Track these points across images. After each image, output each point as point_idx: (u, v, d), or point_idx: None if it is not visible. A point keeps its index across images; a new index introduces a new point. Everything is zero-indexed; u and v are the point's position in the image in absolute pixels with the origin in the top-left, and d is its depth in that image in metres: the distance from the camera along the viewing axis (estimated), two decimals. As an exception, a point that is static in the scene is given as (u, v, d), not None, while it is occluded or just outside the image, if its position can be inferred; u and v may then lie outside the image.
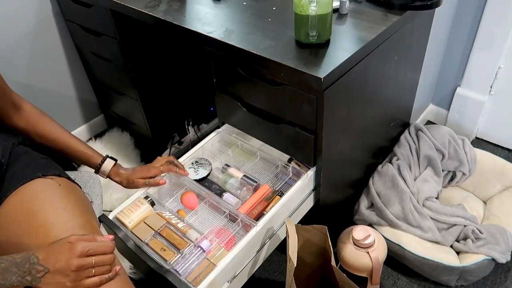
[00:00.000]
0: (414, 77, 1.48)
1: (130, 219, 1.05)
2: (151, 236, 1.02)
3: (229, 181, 1.19)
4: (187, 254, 0.99)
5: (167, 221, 1.06)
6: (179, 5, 1.23)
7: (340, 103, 1.03)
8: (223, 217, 1.12)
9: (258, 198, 1.12)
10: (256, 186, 1.16)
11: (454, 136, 1.52)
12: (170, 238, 1.02)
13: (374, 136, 1.39)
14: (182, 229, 1.04)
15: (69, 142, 1.06)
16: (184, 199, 1.15)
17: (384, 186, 1.39)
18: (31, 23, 1.59)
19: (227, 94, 1.21)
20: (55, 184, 0.89)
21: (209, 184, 1.21)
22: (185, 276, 0.94)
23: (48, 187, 0.87)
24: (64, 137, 1.05)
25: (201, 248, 0.99)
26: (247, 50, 0.99)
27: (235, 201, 1.13)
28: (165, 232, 1.04)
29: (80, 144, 1.08)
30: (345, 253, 1.19)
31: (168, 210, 1.11)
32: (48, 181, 0.88)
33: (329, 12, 0.94)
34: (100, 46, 1.55)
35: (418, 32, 1.29)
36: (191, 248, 1.00)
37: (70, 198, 0.88)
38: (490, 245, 1.26)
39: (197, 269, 0.96)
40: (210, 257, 0.99)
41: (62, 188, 0.89)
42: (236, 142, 1.30)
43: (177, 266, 0.96)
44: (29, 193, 0.85)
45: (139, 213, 1.07)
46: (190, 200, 1.15)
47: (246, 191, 1.16)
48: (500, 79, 1.64)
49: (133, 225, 1.05)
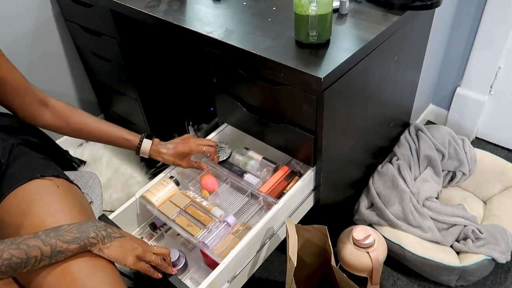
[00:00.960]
0: (414, 77, 1.48)
1: (157, 197, 1.09)
2: (177, 214, 1.07)
3: (249, 163, 1.23)
4: (213, 229, 1.03)
5: (192, 199, 1.10)
6: (179, 5, 1.23)
7: (340, 103, 1.03)
8: (244, 196, 1.17)
9: (278, 178, 1.17)
10: (276, 167, 1.21)
11: (454, 136, 1.52)
12: (196, 215, 1.06)
13: (374, 136, 1.39)
14: (206, 206, 1.08)
15: (104, 129, 1.05)
16: (202, 182, 1.19)
17: (384, 186, 1.39)
18: (31, 23, 1.59)
19: (227, 94, 1.21)
20: (54, 186, 0.88)
21: (230, 166, 1.25)
22: (212, 249, 0.99)
23: (46, 188, 0.87)
24: (98, 125, 1.05)
25: (227, 223, 1.04)
26: (247, 50, 0.99)
27: (256, 181, 1.17)
28: (190, 209, 1.08)
29: (115, 130, 1.07)
30: (345, 253, 1.19)
31: (191, 190, 1.17)
32: (46, 182, 0.88)
33: (329, 12, 0.94)
34: (100, 46, 1.55)
35: (418, 32, 1.29)
36: (217, 224, 1.04)
37: (68, 199, 0.88)
38: (490, 245, 1.26)
39: (223, 243, 1.01)
40: (235, 232, 1.04)
41: (60, 189, 0.88)
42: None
43: (205, 240, 1.00)
44: (27, 194, 0.85)
45: (165, 192, 1.10)
46: (209, 182, 1.19)
47: (266, 172, 1.20)
48: (500, 79, 1.64)
49: (159, 203, 1.09)
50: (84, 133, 1.03)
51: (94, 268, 0.78)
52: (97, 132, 1.04)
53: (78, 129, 1.02)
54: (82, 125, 1.03)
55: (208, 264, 1.09)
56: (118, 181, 1.65)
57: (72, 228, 0.77)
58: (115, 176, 1.67)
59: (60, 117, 1.00)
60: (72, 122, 1.01)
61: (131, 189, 1.63)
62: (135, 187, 1.64)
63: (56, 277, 0.75)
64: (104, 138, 1.06)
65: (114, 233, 0.82)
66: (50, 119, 0.99)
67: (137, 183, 1.66)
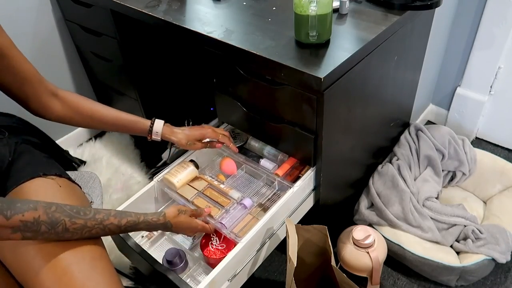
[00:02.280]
0: (414, 77, 1.48)
1: (177, 178, 1.13)
2: (195, 196, 1.11)
3: (265, 149, 1.27)
4: (231, 210, 1.08)
5: (209, 183, 1.15)
6: (179, 5, 1.23)
7: (340, 103, 1.04)
8: (260, 181, 1.21)
9: (293, 162, 1.20)
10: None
11: (454, 136, 1.52)
12: (214, 197, 1.11)
13: (374, 136, 1.39)
14: (224, 189, 1.13)
15: (114, 114, 1.06)
16: (223, 165, 1.23)
17: (384, 186, 1.39)
18: (31, 23, 1.59)
19: (227, 94, 1.21)
20: (56, 185, 0.89)
21: (246, 152, 1.30)
22: (231, 229, 1.04)
23: (49, 187, 0.87)
24: (108, 110, 1.05)
25: (244, 205, 1.09)
26: (247, 50, 0.99)
27: (272, 166, 1.21)
28: (208, 192, 1.13)
29: (125, 114, 1.08)
30: (345, 253, 1.19)
31: (208, 175, 1.22)
32: (49, 181, 0.89)
33: (329, 12, 0.94)
34: (100, 46, 1.55)
35: (418, 32, 1.29)
36: (234, 205, 1.09)
37: (70, 199, 0.88)
38: (490, 245, 1.26)
39: (242, 223, 1.06)
40: (253, 212, 1.10)
41: (62, 189, 0.89)
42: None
43: (223, 220, 1.05)
44: (30, 192, 0.85)
45: (185, 174, 1.14)
46: (229, 166, 1.22)
47: (281, 156, 1.23)
48: (500, 79, 1.64)
49: (180, 184, 1.13)
50: (95, 121, 1.03)
51: (93, 269, 0.78)
52: (108, 117, 1.05)
53: (89, 117, 1.02)
54: (92, 112, 1.03)
55: (208, 263, 1.10)
56: (118, 181, 1.65)
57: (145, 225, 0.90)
58: (115, 176, 1.68)
59: (70, 107, 1.00)
60: (82, 110, 1.02)
61: (131, 189, 1.63)
62: (135, 187, 1.64)
63: (56, 276, 0.75)
64: (116, 123, 1.06)
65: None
66: (61, 110, 0.99)
67: (137, 183, 1.66)
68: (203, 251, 1.07)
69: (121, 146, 1.86)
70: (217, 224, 1.04)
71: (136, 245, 1.01)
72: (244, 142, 1.31)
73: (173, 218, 0.96)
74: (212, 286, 0.92)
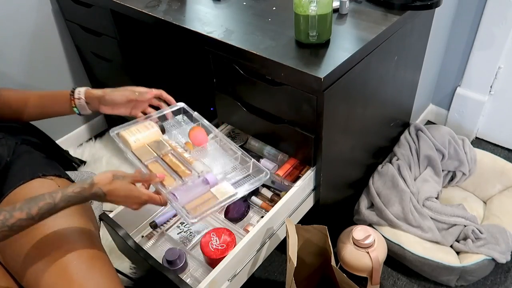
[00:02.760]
0: (414, 77, 1.48)
1: (135, 137, 0.96)
2: (152, 159, 0.94)
3: (265, 149, 1.27)
4: (189, 183, 0.90)
5: (173, 148, 0.97)
6: (179, 5, 1.23)
7: (340, 103, 1.03)
8: (233, 159, 1.02)
9: (293, 162, 1.19)
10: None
11: (454, 136, 1.52)
12: (173, 165, 0.93)
13: (374, 136, 1.39)
14: (188, 159, 0.95)
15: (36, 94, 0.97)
16: (192, 134, 1.05)
17: (384, 186, 1.39)
18: (31, 23, 1.59)
19: (227, 94, 1.21)
20: (55, 185, 0.88)
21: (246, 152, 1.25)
22: (183, 204, 0.86)
23: (48, 188, 0.87)
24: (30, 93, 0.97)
25: (206, 180, 0.91)
26: (247, 50, 0.99)
27: (272, 166, 1.21)
28: (168, 158, 0.95)
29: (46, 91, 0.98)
30: (345, 253, 1.19)
31: (175, 140, 1.03)
32: (48, 181, 0.88)
33: (329, 12, 0.94)
34: (100, 46, 1.55)
35: (418, 32, 1.29)
36: (195, 179, 0.91)
37: None
38: (490, 245, 1.26)
39: (198, 199, 0.88)
40: (215, 191, 0.90)
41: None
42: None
43: (176, 192, 0.87)
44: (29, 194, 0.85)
45: (146, 135, 0.98)
46: (198, 136, 1.05)
47: (281, 156, 1.23)
48: (500, 79, 1.64)
49: (137, 145, 0.96)
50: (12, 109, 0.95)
51: (92, 269, 0.78)
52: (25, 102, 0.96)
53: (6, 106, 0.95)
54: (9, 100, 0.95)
55: (208, 263, 1.10)
56: (118, 181, 1.65)
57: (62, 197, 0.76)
58: (115, 176, 1.67)
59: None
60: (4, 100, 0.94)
61: (131, 189, 1.62)
62: (135, 187, 1.64)
63: (53, 277, 0.75)
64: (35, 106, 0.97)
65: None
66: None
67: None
68: (203, 251, 1.07)
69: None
70: (168, 194, 0.86)
71: (136, 245, 1.01)
72: (244, 142, 1.30)
73: (106, 185, 0.80)
74: (212, 286, 0.92)
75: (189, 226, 1.17)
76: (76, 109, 0.98)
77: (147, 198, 0.84)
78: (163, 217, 1.18)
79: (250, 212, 1.22)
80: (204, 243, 1.08)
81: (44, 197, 0.73)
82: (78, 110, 0.98)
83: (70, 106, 0.97)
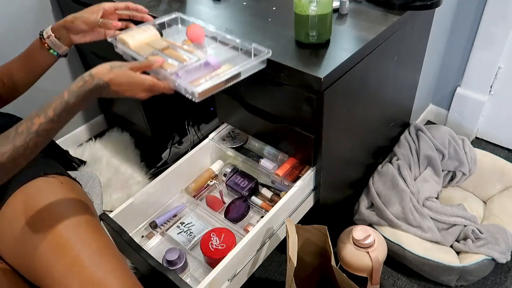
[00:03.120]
0: (414, 77, 1.48)
1: (133, 39, 0.95)
2: (152, 53, 0.92)
3: (265, 149, 1.26)
4: (190, 65, 0.87)
5: (172, 43, 0.96)
6: (179, 5, 1.23)
7: (340, 103, 1.04)
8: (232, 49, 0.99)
9: (293, 162, 1.18)
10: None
11: (454, 136, 1.52)
12: (174, 55, 0.90)
13: (374, 136, 1.39)
14: (188, 49, 0.93)
15: (15, 59, 0.99)
16: (189, 31, 1.00)
17: (384, 186, 1.39)
18: (31, 23, 1.59)
19: (227, 94, 1.21)
20: (57, 183, 0.89)
21: (246, 152, 1.29)
22: (189, 80, 0.85)
23: (51, 185, 0.88)
24: (10, 62, 0.98)
25: (208, 63, 0.89)
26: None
27: (272, 166, 1.20)
28: (167, 50, 0.93)
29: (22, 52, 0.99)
30: (345, 253, 1.19)
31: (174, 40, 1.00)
32: (50, 179, 0.89)
33: (329, 12, 0.94)
34: (100, 46, 1.55)
35: (418, 32, 1.29)
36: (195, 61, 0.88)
37: (73, 195, 0.89)
38: (490, 245, 1.26)
39: (202, 77, 0.87)
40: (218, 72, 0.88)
41: (64, 186, 0.89)
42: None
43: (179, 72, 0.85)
44: (33, 192, 0.85)
45: (144, 36, 0.97)
46: (195, 32, 1.00)
47: (281, 156, 1.22)
48: (500, 79, 1.64)
49: (136, 45, 0.95)
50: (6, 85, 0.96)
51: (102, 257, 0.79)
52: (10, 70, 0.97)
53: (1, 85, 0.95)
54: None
55: (208, 263, 1.10)
56: (118, 181, 1.65)
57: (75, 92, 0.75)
58: (115, 176, 1.67)
59: None
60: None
61: (131, 189, 1.63)
62: (135, 187, 1.64)
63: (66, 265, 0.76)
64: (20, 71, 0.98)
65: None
66: None
67: (137, 183, 1.66)
68: (203, 251, 1.07)
69: (121, 146, 1.86)
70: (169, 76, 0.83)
71: (136, 245, 1.01)
72: (244, 142, 1.30)
73: (106, 75, 0.79)
74: (212, 286, 0.92)
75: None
76: (53, 51, 0.98)
77: (150, 82, 0.80)
78: (163, 217, 1.18)
79: (250, 212, 1.22)
80: (204, 243, 1.08)
81: (53, 99, 0.74)
82: (55, 51, 0.98)
83: (47, 51, 0.97)
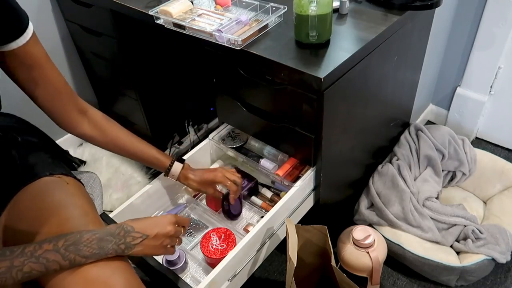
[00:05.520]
0: (414, 77, 1.48)
1: (174, 9, 1.10)
2: (191, 19, 1.07)
3: (265, 149, 1.27)
4: (228, 23, 1.02)
5: (207, 10, 1.11)
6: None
7: (340, 103, 1.04)
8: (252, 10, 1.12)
9: (293, 162, 1.20)
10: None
11: (454, 136, 1.52)
12: (211, 18, 1.06)
13: (374, 136, 1.39)
14: (220, 12, 1.09)
15: (136, 145, 1.06)
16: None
17: (384, 186, 1.39)
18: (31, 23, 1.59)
19: (227, 94, 1.21)
20: (63, 182, 0.89)
21: (246, 152, 1.30)
22: (228, 33, 0.99)
23: (57, 184, 0.88)
24: (131, 140, 1.05)
25: (240, 20, 1.02)
26: (247, 50, 0.99)
27: (272, 166, 1.21)
28: (202, 16, 1.08)
29: (147, 148, 1.08)
30: (345, 253, 1.19)
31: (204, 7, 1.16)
32: (55, 179, 0.89)
33: (329, 12, 0.94)
34: (100, 46, 1.55)
35: (418, 32, 1.29)
36: (228, 20, 1.03)
37: (79, 194, 0.89)
38: (490, 245, 1.26)
39: (239, 31, 1.01)
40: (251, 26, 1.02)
41: (70, 186, 0.90)
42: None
43: (221, 28, 0.99)
44: (39, 191, 0.86)
45: (182, 7, 1.11)
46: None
47: (281, 156, 1.23)
48: (500, 79, 1.64)
49: (176, 13, 1.09)
50: (117, 147, 1.04)
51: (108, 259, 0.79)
52: (129, 147, 1.05)
53: (111, 142, 1.03)
54: (116, 138, 1.03)
55: (208, 263, 1.10)
56: (118, 181, 1.65)
57: (92, 242, 0.76)
58: (115, 176, 1.67)
59: (97, 127, 1.00)
60: (107, 134, 1.02)
61: (131, 189, 1.63)
62: (135, 187, 1.64)
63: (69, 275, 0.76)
64: (136, 153, 1.07)
65: (135, 240, 0.81)
66: (87, 129, 0.99)
67: (137, 183, 1.66)
68: (203, 251, 1.07)
69: (121, 146, 1.86)
70: (214, 32, 1.00)
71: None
72: (244, 142, 1.30)
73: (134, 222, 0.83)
74: (212, 286, 0.92)
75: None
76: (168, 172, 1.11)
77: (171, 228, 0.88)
78: (163, 217, 1.18)
79: (250, 212, 1.22)
80: (204, 243, 1.08)
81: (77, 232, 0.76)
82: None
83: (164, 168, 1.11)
